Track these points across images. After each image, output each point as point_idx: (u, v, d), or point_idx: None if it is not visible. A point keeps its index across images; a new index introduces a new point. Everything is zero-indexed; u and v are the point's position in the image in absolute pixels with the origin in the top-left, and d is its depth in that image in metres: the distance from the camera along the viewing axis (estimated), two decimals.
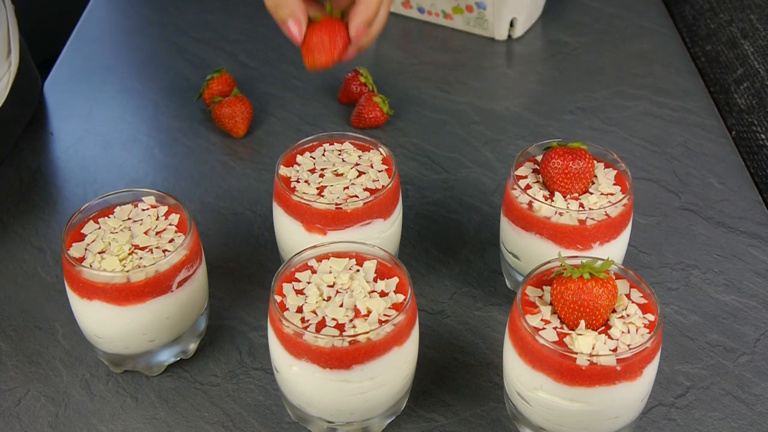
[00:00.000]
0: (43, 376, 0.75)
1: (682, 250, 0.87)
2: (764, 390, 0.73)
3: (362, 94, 1.07)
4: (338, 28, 0.76)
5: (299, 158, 0.79)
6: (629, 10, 1.30)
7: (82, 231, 0.72)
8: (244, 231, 0.91)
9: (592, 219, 0.73)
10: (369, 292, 0.66)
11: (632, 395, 0.63)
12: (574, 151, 0.74)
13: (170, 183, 0.97)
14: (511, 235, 0.77)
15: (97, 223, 0.72)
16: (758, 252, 0.86)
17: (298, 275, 0.68)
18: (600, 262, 0.64)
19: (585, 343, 0.61)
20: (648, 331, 0.62)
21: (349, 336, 0.62)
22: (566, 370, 0.61)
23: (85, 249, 0.70)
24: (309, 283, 0.67)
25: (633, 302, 0.65)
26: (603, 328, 0.63)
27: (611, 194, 0.75)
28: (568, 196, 0.74)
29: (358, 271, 0.68)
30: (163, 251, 0.70)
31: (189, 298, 0.72)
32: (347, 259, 0.69)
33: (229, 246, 0.89)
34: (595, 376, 0.60)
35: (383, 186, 0.76)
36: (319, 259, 0.69)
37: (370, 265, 0.68)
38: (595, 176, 0.76)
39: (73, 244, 0.70)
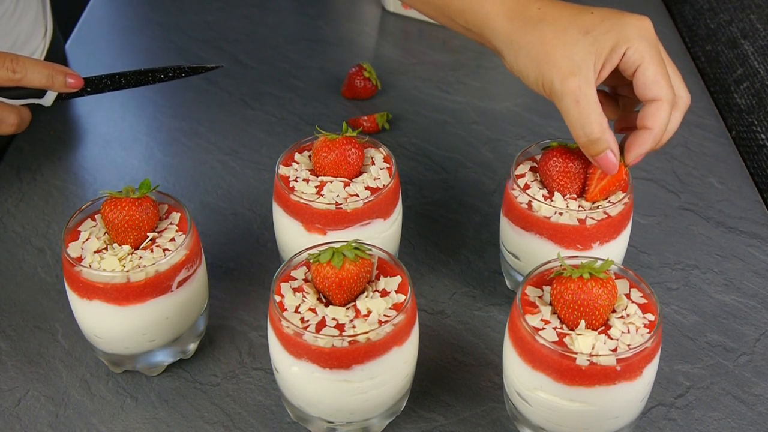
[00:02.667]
0: (43, 376, 0.75)
1: (682, 250, 0.87)
2: (764, 390, 0.73)
3: (366, 89, 1.08)
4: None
5: (297, 156, 0.79)
6: (629, 10, 1.29)
7: (80, 230, 0.72)
8: (244, 231, 0.91)
9: (592, 219, 0.73)
10: (369, 292, 0.66)
11: (632, 395, 0.63)
12: (572, 151, 0.74)
13: (170, 183, 0.98)
14: (510, 235, 0.77)
15: (94, 220, 0.72)
16: (758, 252, 0.86)
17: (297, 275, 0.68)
18: (600, 262, 0.64)
19: (585, 343, 0.61)
20: (648, 331, 0.62)
21: (349, 336, 0.62)
22: (566, 370, 0.61)
23: (81, 248, 0.70)
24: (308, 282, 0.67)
25: (633, 302, 0.65)
26: (603, 328, 0.63)
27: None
28: (567, 196, 0.74)
29: None
30: (164, 251, 0.70)
31: (189, 298, 0.72)
32: None
33: (229, 246, 0.89)
34: (595, 376, 0.60)
35: (384, 185, 0.76)
36: None
37: None
38: None
39: (70, 244, 0.70)
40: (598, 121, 0.69)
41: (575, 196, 0.74)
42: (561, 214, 0.73)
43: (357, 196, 0.75)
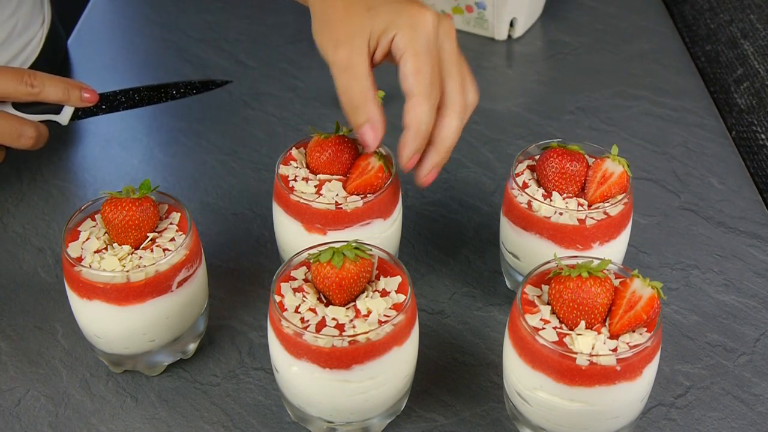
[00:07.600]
0: (43, 376, 0.75)
1: (682, 250, 0.87)
2: (764, 390, 0.73)
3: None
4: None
5: (294, 152, 0.79)
6: (629, 10, 1.30)
7: (80, 230, 0.72)
8: (244, 231, 0.91)
9: (592, 218, 0.73)
10: (369, 292, 0.66)
11: (632, 395, 0.63)
12: (571, 153, 0.74)
13: (170, 183, 0.98)
14: (511, 235, 0.77)
15: (94, 220, 0.72)
16: (758, 252, 0.86)
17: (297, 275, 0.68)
18: (597, 261, 0.64)
19: (585, 343, 0.61)
20: (648, 331, 0.62)
21: (349, 336, 0.62)
22: (566, 370, 0.61)
23: (81, 248, 0.70)
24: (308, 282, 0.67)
25: None
26: (602, 327, 0.63)
27: None
28: (564, 194, 0.74)
29: None
30: (164, 251, 0.70)
31: (189, 298, 0.72)
32: None
33: (229, 246, 0.89)
34: (595, 376, 0.60)
35: (384, 185, 0.76)
36: None
37: None
38: None
39: (70, 244, 0.70)
40: (361, 90, 0.69)
41: (572, 195, 0.74)
42: (561, 214, 0.73)
43: (357, 195, 0.75)
